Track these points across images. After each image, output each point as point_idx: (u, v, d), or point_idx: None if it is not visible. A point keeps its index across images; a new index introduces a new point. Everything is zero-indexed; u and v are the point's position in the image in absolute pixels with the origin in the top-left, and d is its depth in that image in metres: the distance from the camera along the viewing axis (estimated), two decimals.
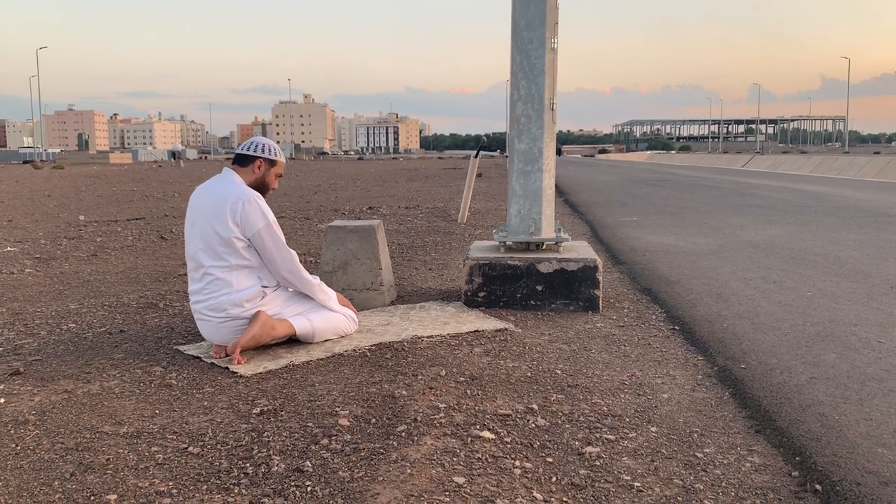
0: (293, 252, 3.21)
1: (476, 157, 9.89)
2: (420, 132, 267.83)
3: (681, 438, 2.26)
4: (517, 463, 2.06)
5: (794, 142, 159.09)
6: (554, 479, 1.97)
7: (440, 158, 77.81)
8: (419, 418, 2.35)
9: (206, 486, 1.91)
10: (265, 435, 2.23)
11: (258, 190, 3.23)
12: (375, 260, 4.06)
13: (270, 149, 3.25)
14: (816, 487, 1.93)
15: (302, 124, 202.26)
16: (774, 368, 2.95)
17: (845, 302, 4.16)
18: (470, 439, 2.20)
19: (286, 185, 18.29)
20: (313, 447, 2.14)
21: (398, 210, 10.77)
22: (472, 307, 4.00)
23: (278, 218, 3.23)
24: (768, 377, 2.84)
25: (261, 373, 2.86)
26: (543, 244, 4.25)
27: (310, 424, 2.31)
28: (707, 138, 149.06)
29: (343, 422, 2.32)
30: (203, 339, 3.33)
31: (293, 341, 3.24)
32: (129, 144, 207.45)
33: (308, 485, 1.91)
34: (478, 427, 2.29)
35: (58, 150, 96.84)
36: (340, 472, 1.98)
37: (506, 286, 3.98)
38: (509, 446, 2.17)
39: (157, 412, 2.45)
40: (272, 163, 3.25)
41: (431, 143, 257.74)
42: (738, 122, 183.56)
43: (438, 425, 2.30)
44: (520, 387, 2.71)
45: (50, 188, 17.93)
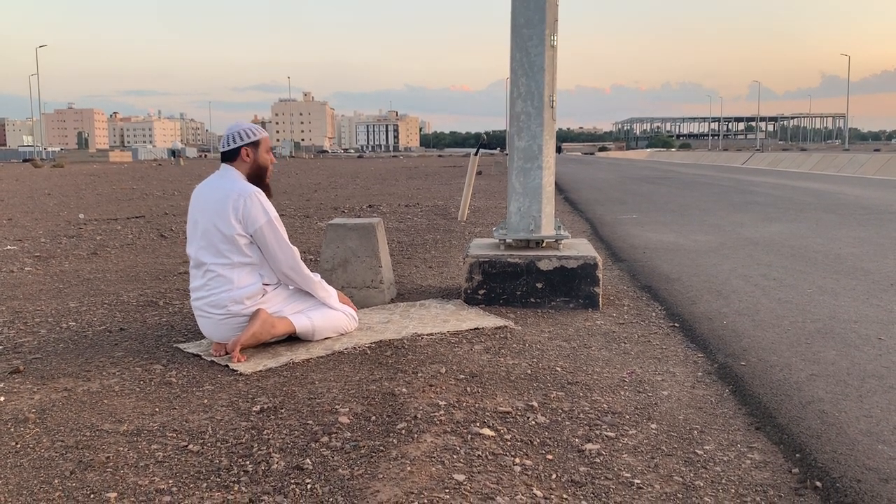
0: (295, 248, 3.21)
1: (476, 155, 9.88)
2: (420, 130, 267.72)
3: (681, 435, 2.26)
4: (517, 460, 2.06)
5: (795, 139, 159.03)
6: (554, 477, 1.97)
7: (440, 156, 77.77)
8: (419, 416, 2.35)
9: (206, 484, 1.92)
10: (265, 433, 2.23)
11: (258, 175, 3.24)
12: (375, 258, 4.06)
13: (247, 132, 3.23)
14: (817, 484, 1.93)
15: (302, 122, 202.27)
16: (774, 365, 2.95)
17: (845, 299, 4.16)
18: (470, 436, 2.20)
19: (286, 184, 18.27)
20: (313, 445, 2.14)
21: (398, 208, 10.77)
22: (472, 305, 4.00)
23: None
24: (768, 374, 2.84)
25: (261, 371, 2.86)
26: (543, 242, 4.24)
27: (310, 422, 2.31)
28: (707, 136, 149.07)
29: (343, 419, 2.32)
30: (203, 338, 3.33)
31: (293, 339, 3.24)
32: (129, 143, 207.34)
33: (308, 482, 1.91)
34: (478, 424, 2.29)
35: (57, 149, 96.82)
36: (340, 470, 1.98)
37: (506, 284, 3.98)
38: (509, 443, 2.17)
39: (157, 410, 2.45)
40: (256, 143, 3.23)
41: (431, 141, 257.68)
42: (739, 120, 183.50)
43: (438, 423, 2.30)
44: (520, 384, 2.71)
45: (50, 186, 17.92)
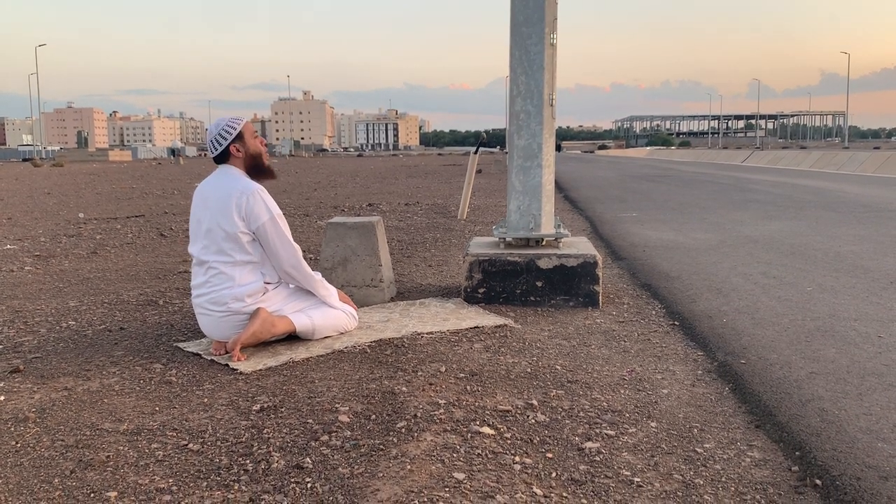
0: (297, 246, 3.21)
1: (476, 154, 9.88)
2: (420, 128, 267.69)
3: (681, 434, 2.26)
4: (517, 459, 2.06)
5: (794, 137, 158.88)
6: (554, 475, 1.97)
7: (440, 155, 77.77)
8: (419, 414, 2.35)
9: (206, 483, 1.92)
10: (265, 431, 2.23)
11: (255, 164, 3.23)
12: (375, 256, 4.05)
13: (227, 130, 3.19)
14: (816, 482, 1.94)
15: (301, 121, 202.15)
16: (774, 363, 2.95)
17: (845, 297, 4.16)
18: (470, 435, 2.20)
19: (286, 182, 18.26)
20: (313, 444, 2.14)
21: (398, 207, 10.77)
22: (472, 303, 4.00)
23: None
24: (768, 372, 2.84)
25: (261, 369, 2.86)
26: (543, 240, 4.24)
27: (310, 421, 2.31)
28: (707, 134, 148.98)
29: (343, 418, 2.32)
30: (203, 336, 3.33)
31: (293, 338, 3.24)
32: (129, 142, 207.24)
33: (308, 481, 1.91)
34: (478, 423, 2.29)
35: (57, 148, 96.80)
36: (340, 469, 1.98)
37: (505, 282, 3.98)
38: (509, 442, 2.17)
39: (157, 409, 2.45)
40: (240, 135, 3.20)
41: (431, 140, 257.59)
42: (738, 118, 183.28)
43: (438, 421, 2.30)
44: (520, 383, 2.71)
45: (49, 186, 17.92)
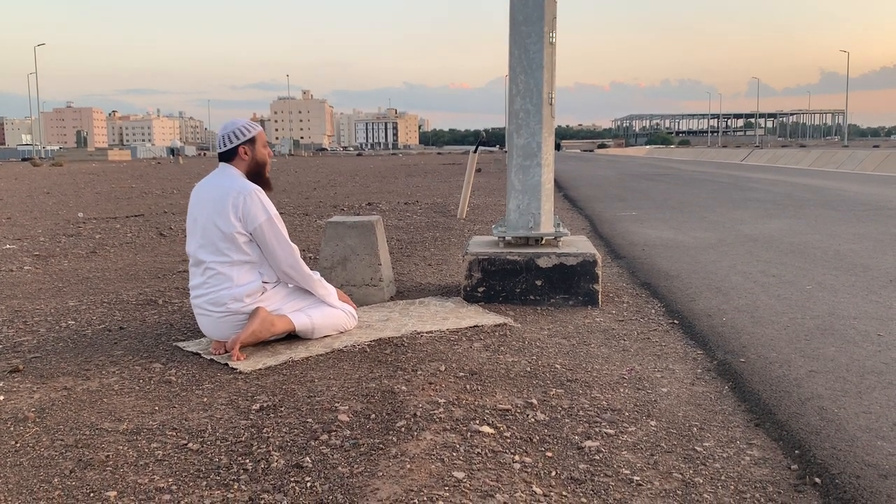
0: (294, 246, 3.21)
1: (475, 153, 9.88)
2: (419, 127, 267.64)
3: (680, 432, 2.26)
4: (517, 457, 2.06)
5: (794, 136, 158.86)
6: (553, 474, 1.97)
7: (439, 154, 77.76)
8: (419, 413, 2.35)
9: (206, 483, 1.92)
10: (265, 431, 2.23)
11: (257, 171, 3.23)
12: (374, 255, 4.05)
13: (242, 130, 3.22)
14: (816, 480, 1.94)
15: (300, 120, 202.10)
16: (774, 362, 2.95)
17: (844, 295, 4.16)
18: (469, 434, 2.20)
19: (285, 182, 18.27)
20: (313, 443, 2.14)
21: (397, 206, 10.77)
22: (472, 302, 4.00)
23: None
24: (768, 371, 2.84)
25: (260, 369, 2.86)
26: (542, 239, 4.24)
27: (309, 420, 2.31)
28: (706, 132, 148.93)
29: (342, 417, 2.32)
30: (202, 336, 3.33)
31: (292, 337, 3.24)
32: (128, 141, 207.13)
33: (308, 480, 1.91)
34: (477, 422, 2.29)
35: (56, 148, 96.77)
36: (340, 468, 1.98)
37: (505, 281, 3.98)
38: (509, 441, 2.17)
39: (157, 409, 2.45)
40: (252, 140, 3.22)
41: (430, 139, 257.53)
42: (738, 117, 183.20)
43: (438, 420, 2.30)
44: (519, 381, 2.71)
45: (49, 185, 17.91)
